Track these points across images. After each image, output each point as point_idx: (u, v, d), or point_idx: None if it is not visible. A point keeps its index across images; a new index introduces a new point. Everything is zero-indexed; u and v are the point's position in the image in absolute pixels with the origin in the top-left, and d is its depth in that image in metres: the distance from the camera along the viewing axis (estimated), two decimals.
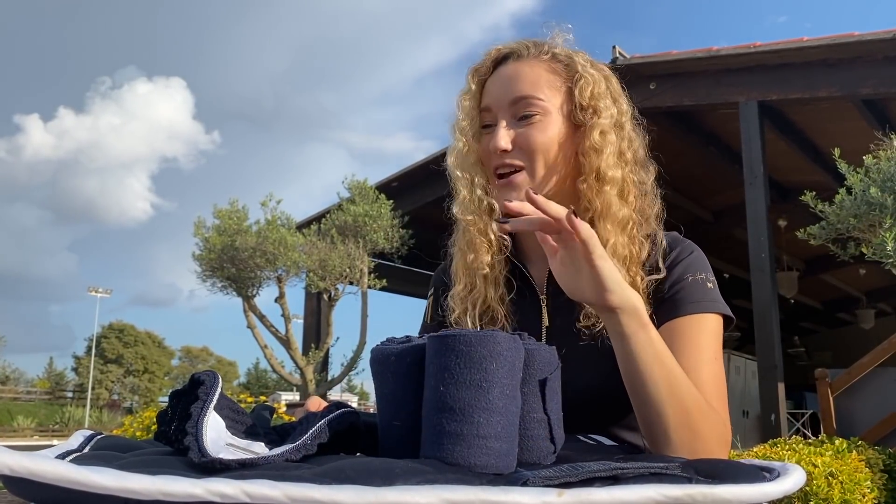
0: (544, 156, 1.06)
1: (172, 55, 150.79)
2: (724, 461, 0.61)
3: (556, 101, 1.08)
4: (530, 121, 1.06)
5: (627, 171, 1.09)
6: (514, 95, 1.07)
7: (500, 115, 1.08)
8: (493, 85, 1.11)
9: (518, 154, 1.06)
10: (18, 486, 0.46)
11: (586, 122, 1.07)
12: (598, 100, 1.08)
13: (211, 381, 0.72)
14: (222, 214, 9.46)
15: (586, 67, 1.10)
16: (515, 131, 1.07)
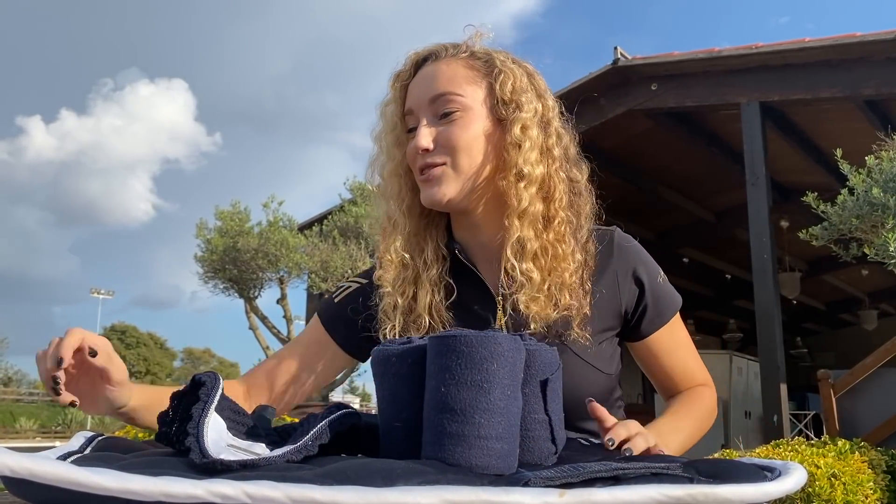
0: (467, 153, 1.05)
1: (174, 57, 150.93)
2: (725, 461, 0.61)
3: (477, 97, 1.07)
4: (451, 118, 1.06)
5: (554, 169, 1.07)
6: (432, 94, 1.07)
7: (421, 115, 1.08)
8: (413, 88, 1.10)
9: (441, 152, 1.06)
10: (19, 487, 0.46)
11: (508, 116, 1.06)
12: (519, 94, 1.07)
13: (212, 382, 0.72)
14: (224, 216, 9.46)
15: (506, 63, 1.09)
16: (437, 129, 1.06)
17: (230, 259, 9.23)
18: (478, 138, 1.06)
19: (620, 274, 1.10)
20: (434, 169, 1.06)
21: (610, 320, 1.10)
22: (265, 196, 9.73)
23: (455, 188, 1.06)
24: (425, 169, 1.07)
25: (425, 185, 1.07)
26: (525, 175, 1.04)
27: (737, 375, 8.15)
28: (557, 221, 1.06)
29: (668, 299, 1.14)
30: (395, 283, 1.09)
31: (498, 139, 1.07)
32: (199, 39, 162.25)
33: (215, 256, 9.30)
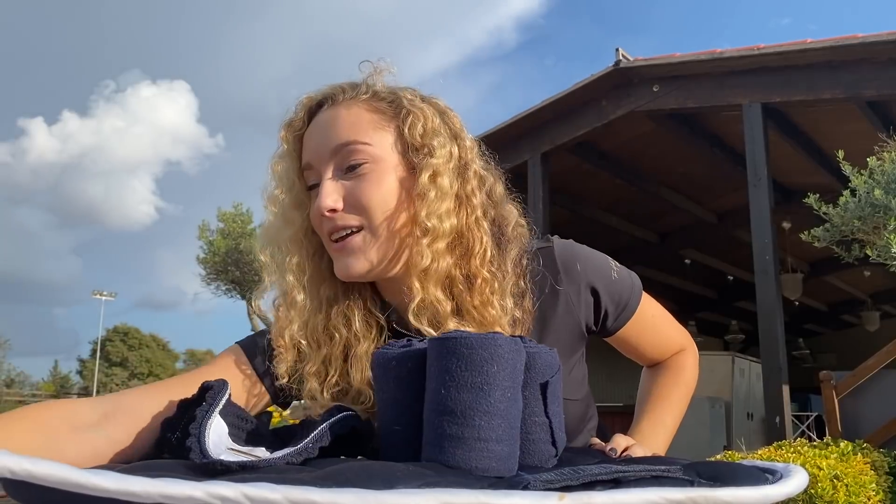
0: (382, 210, 0.90)
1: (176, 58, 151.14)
2: (726, 463, 0.61)
3: (386, 144, 0.92)
4: (359, 171, 0.91)
5: (474, 219, 0.94)
6: (333, 143, 0.91)
7: (323, 169, 0.92)
8: (309, 138, 0.95)
9: (351, 212, 0.90)
10: (19, 489, 0.46)
11: (419, 163, 0.92)
12: (431, 137, 0.93)
13: (219, 387, 0.73)
14: (226, 217, 9.48)
15: (414, 102, 0.95)
16: (344, 185, 0.91)
17: (232, 261, 9.25)
18: (392, 192, 0.91)
19: (573, 294, 0.98)
20: (351, 237, 0.91)
21: (574, 344, 1.02)
22: None
23: (375, 256, 0.91)
24: (335, 233, 0.91)
25: (339, 254, 0.92)
26: (429, 230, 0.89)
27: (739, 377, 8.14)
28: (481, 281, 0.92)
29: (627, 291, 1.03)
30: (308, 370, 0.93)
31: (411, 189, 0.92)
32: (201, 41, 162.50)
33: (218, 258, 9.32)
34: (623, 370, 1.32)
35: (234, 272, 9.36)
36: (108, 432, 0.77)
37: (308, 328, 0.94)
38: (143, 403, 0.81)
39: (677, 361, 1.16)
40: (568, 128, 7.14)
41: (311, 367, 0.93)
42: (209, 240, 9.49)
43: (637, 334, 1.09)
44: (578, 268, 0.99)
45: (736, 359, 8.26)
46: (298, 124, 0.97)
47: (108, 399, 0.82)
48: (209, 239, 9.50)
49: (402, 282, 0.94)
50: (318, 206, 0.90)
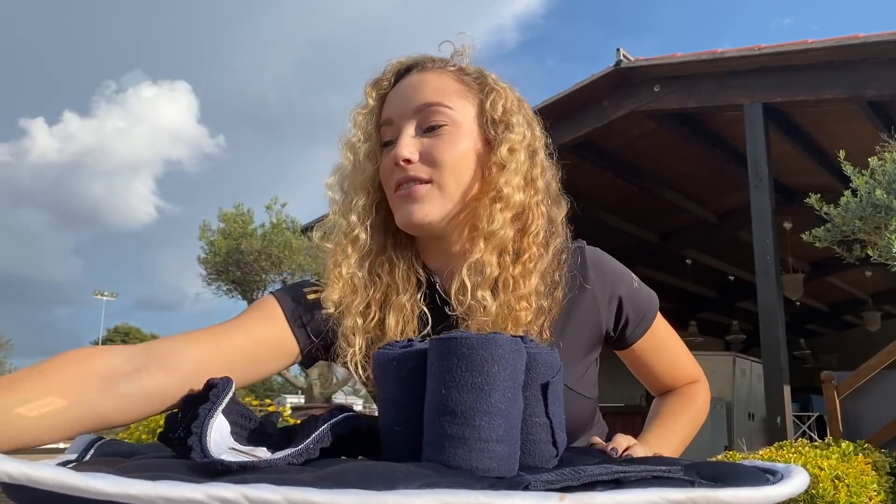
0: (453, 170, 0.95)
1: (178, 59, 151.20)
2: (727, 463, 0.61)
3: (468, 113, 0.98)
4: (439, 132, 0.96)
5: (535, 201, 0.99)
6: (418, 103, 0.97)
7: (404, 125, 0.97)
8: (394, 97, 1.01)
9: (424, 167, 0.95)
10: (18, 493, 0.46)
11: (497, 137, 0.98)
12: (510, 115, 0.99)
13: (223, 385, 0.72)
14: (227, 218, 9.49)
15: (498, 81, 1.02)
16: (421, 141, 0.96)
17: (233, 261, 9.25)
18: (465, 157, 0.96)
19: (599, 296, 1.03)
20: (417, 185, 0.95)
21: (593, 343, 1.05)
22: (268, 198, 9.76)
23: (438, 210, 0.95)
24: (404, 184, 0.96)
25: (403, 201, 0.96)
26: (503, 197, 0.95)
27: (740, 377, 8.14)
28: (528, 257, 0.97)
29: (646, 303, 1.09)
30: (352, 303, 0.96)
31: (483, 159, 0.98)
32: (202, 42, 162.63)
33: (219, 258, 9.33)
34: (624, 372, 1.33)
35: (235, 272, 9.37)
36: (143, 385, 0.78)
37: (364, 266, 0.99)
38: (178, 355, 0.83)
39: (689, 390, 1.16)
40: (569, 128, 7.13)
41: (358, 304, 0.97)
42: (210, 240, 9.50)
43: (652, 351, 1.12)
44: (606, 272, 1.04)
45: (737, 359, 8.26)
46: (385, 84, 1.03)
47: (141, 350, 0.82)
48: (210, 239, 9.51)
49: (453, 243, 1.00)
50: (395, 154, 0.95)
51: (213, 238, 9.51)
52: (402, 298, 0.98)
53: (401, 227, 0.98)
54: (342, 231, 1.00)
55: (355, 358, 0.95)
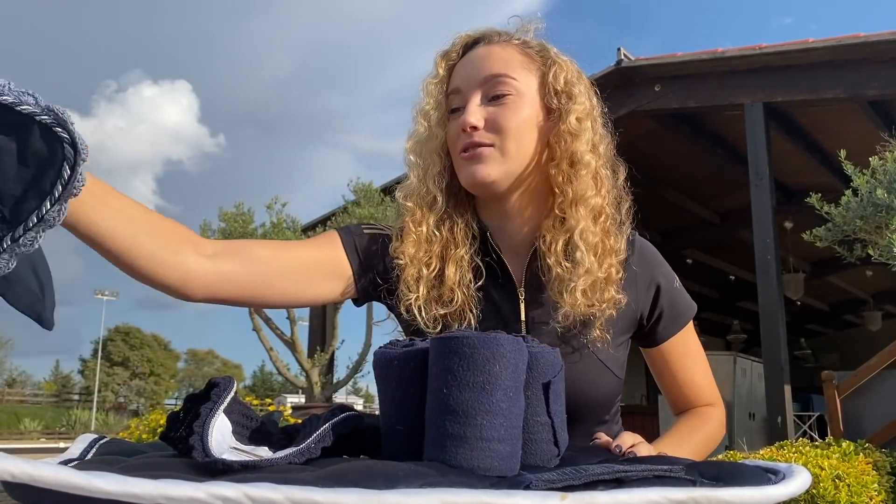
0: (516, 137, 1.03)
1: (178, 59, 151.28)
2: (728, 463, 0.61)
3: (531, 84, 1.05)
4: (503, 101, 1.03)
5: (600, 164, 1.07)
6: (485, 74, 1.04)
7: (471, 94, 1.04)
8: (462, 67, 1.08)
9: (489, 133, 1.03)
10: (20, 491, 0.46)
11: (561, 106, 1.05)
12: (572, 86, 1.06)
13: (225, 384, 0.72)
14: (228, 217, 9.49)
15: (559, 55, 1.08)
16: (487, 110, 1.03)
17: None
18: (528, 124, 1.03)
19: (640, 279, 1.10)
20: (481, 148, 1.02)
21: (628, 325, 1.10)
22: (269, 198, 9.76)
23: (500, 170, 1.03)
24: (470, 147, 1.03)
25: (468, 162, 1.04)
26: (585, 164, 1.03)
27: (741, 377, 8.13)
28: (604, 217, 1.05)
29: (683, 305, 1.14)
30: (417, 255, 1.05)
31: (546, 129, 1.05)
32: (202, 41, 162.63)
33: None
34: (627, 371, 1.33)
35: None
36: (218, 266, 0.92)
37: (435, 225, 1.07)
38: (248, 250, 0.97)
39: (706, 412, 1.18)
40: None
41: (422, 256, 1.05)
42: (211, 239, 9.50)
43: (679, 357, 1.15)
44: (650, 260, 1.12)
45: (738, 359, 8.25)
46: (453, 55, 1.10)
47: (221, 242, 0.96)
48: (211, 238, 9.51)
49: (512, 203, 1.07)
50: (462, 121, 1.02)
51: (213, 237, 9.50)
52: (460, 252, 1.06)
53: (465, 185, 1.06)
54: (420, 194, 1.09)
55: (418, 303, 1.03)
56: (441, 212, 1.08)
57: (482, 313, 1.05)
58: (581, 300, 0.99)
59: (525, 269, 1.08)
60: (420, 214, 1.07)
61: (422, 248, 1.06)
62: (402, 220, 1.09)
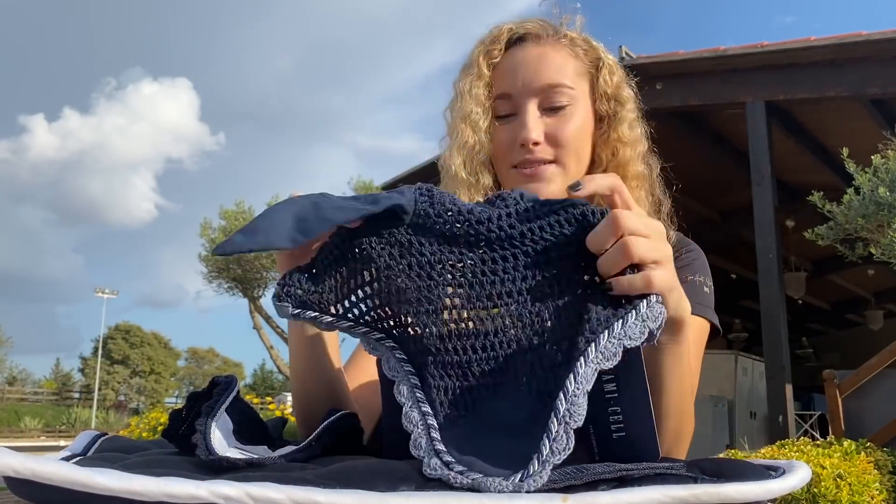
0: (576, 151, 0.98)
1: (178, 56, 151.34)
2: (729, 460, 0.61)
3: (584, 90, 1.00)
4: (562, 112, 0.97)
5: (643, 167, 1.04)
6: (543, 83, 0.97)
7: (526, 103, 0.98)
8: (511, 69, 1.00)
9: (548, 148, 0.97)
10: (22, 487, 0.46)
11: (611, 112, 1.01)
12: (622, 89, 1.02)
13: (227, 383, 0.73)
14: (228, 215, 9.50)
15: (607, 54, 1.03)
16: (545, 122, 0.97)
17: (234, 259, 9.25)
18: (584, 134, 0.99)
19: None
20: (545, 166, 0.97)
21: None
22: (269, 196, 9.76)
23: (560, 189, 0.97)
24: (529, 164, 0.98)
25: (527, 180, 0.97)
26: (634, 175, 1.00)
27: (742, 375, 8.14)
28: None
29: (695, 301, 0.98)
30: None
31: (596, 134, 1.01)
32: (203, 38, 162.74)
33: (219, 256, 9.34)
34: None
35: (235, 270, 9.39)
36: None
37: None
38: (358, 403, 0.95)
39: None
40: None
41: None
42: (211, 237, 9.51)
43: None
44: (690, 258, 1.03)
45: (739, 357, 8.26)
46: (496, 53, 1.01)
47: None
48: (211, 237, 9.52)
49: None
50: (524, 136, 0.96)
51: (214, 236, 9.52)
52: None
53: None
54: None
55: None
56: None
57: None
58: None
59: None
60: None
61: None
62: None
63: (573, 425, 0.53)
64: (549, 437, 0.52)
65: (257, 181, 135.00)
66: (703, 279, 1.03)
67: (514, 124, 0.99)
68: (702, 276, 1.03)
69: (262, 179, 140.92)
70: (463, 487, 0.50)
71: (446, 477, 0.51)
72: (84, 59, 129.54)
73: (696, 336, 0.98)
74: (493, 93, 1.01)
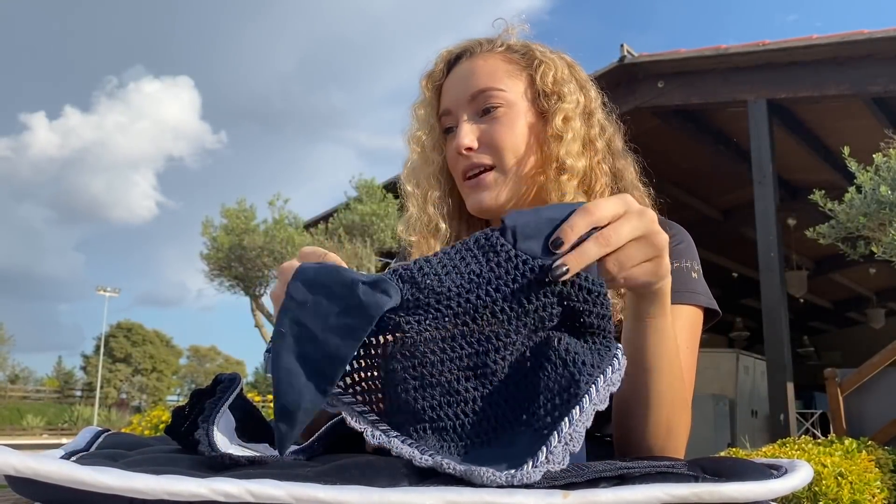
0: (514, 151, 0.99)
1: (180, 54, 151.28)
2: (730, 458, 0.61)
3: (518, 90, 1.01)
4: (494, 115, 1.00)
5: (596, 161, 1.02)
6: (472, 90, 1.01)
7: (461, 113, 1.02)
8: (449, 86, 1.05)
9: (485, 151, 1.00)
10: (23, 485, 0.46)
11: (550, 108, 1.01)
12: (561, 85, 1.02)
13: (231, 381, 0.73)
14: (230, 214, 9.50)
15: (545, 53, 1.04)
16: (479, 127, 1.00)
17: (236, 257, 9.26)
18: (522, 134, 1.00)
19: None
20: (484, 174, 1.00)
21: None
22: (271, 194, 9.77)
23: (506, 193, 1.00)
24: (470, 171, 1.01)
25: (473, 190, 1.01)
26: (567, 168, 0.98)
27: (743, 374, 8.13)
28: None
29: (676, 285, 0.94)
30: None
31: (540, 133, 1.01)
32: (204, 37, 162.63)
33: (221, 254, 9.34)
34: None
35: (237, 268, 9.38)
36: None
37: None
38: None
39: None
40: None
41: None
42: (213, 236, 9.51)
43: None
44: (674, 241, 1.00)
45: (740, 356, 8.25)
46: (438, 75, 1.07)
47: None
48: (213, 235, 9.52)
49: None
50: (456, 144, 1.00)
51: (215, 234, 9.52)
52: None
53: (473, 213, 1.04)
54: (423, 223, 1.07)
55: None
56: (446, 238, 1.07)
57: None
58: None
59: None
60: (427, 246, 1.06)
61: None
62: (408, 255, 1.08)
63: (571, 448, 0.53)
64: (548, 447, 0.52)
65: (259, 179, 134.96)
66: (689, 264, 1.02)
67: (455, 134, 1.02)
68: (688, 260, 1.02)
69: (263, 177, 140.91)
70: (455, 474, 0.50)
71: (438, 463, 0.51)
72: (85, 58, 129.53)
73: (689, 324, 0.97)
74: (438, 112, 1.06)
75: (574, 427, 0.53)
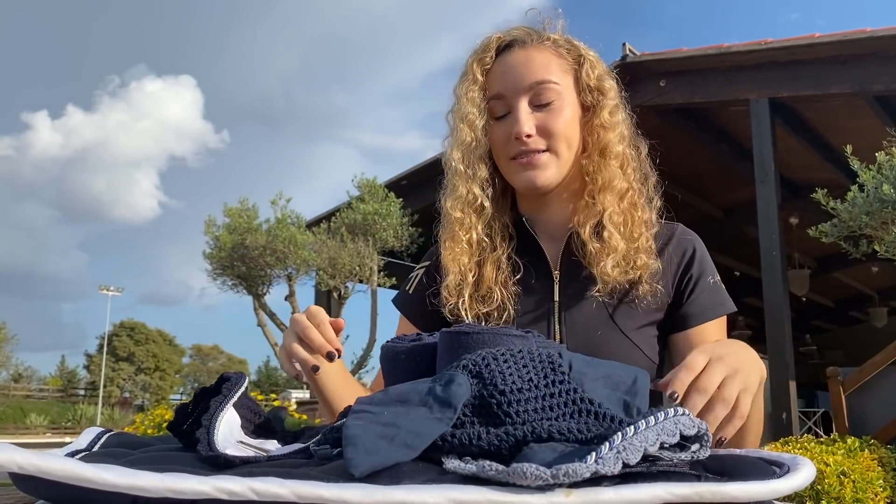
0: (565, 139, 1.10)
1: (182, 53, 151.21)
2: (732, 456, 0.61)
3: (568, 83, 1.12)
4: (550, 106, 1.09)
5: (626, 145, 1.15)
6: (530, 81, 1.09)
7: (517, 101, 1.10)
8: (502, 72, 1.12)
9: (540, 139, 1.09)
10: (27, 483, 0.46)
11: (595, 102, 1.13)
12: (603, 80, 1.14)
13: (236, 379, 0.73)
14: (233, 213, 9.49)
15: (587, 50, 1.15)
16: (536, 115, 1.09)
17: (238, 256, 9.26)
18: (572, 124, 1.11)
19: (672, 266, 1.13)
20: (538, 155, 1.09)
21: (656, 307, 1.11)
22: (273, 193, 9.77)
23: (555, 174, 1.11)
24: (523, 154, 1.09)
25: (524, 168, 1.10)
26: (615, 154, 1.11)
27: None
28: (631, 192, 1.12)
29: (714, 299, 1.13)
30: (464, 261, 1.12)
31: (584, 123, 1.13)
32: (207, 36, 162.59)
33: (224, 253, 9.33)
34: None
35: (240, 267, 9.38)
36: None
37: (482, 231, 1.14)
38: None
39: None
40: None
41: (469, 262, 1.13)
42: (215, 235, 9.51)
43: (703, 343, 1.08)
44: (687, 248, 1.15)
45: None
46: (487, 59, 1.14)
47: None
48: (215, 234, 9.51)
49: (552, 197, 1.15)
50: (516, 130, 1.08)
51: (218, 233, 9.51)
52: (498, 252, 1.14)
53: (522, 190, 1.14)
54: (468, 202, 1.13)
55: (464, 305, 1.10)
56: (489, 217, 1.14)
57: (521, 305, 1.11)
58: (613, 272, 1.05)
59: (561, 251, 1.14)
60: (469, 222, 1.13)
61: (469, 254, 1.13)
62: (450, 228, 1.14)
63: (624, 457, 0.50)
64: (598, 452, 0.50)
65: (261, 178, 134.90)
66: (713, 277, 1.14)
67: (509, 121, 1.10)
68: (711, 274, 1.15)
69: (265, 177, 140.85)
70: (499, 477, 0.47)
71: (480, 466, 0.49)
72: (87, 57, 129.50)
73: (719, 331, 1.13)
74: (487, 95, 1.13)
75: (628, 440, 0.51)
